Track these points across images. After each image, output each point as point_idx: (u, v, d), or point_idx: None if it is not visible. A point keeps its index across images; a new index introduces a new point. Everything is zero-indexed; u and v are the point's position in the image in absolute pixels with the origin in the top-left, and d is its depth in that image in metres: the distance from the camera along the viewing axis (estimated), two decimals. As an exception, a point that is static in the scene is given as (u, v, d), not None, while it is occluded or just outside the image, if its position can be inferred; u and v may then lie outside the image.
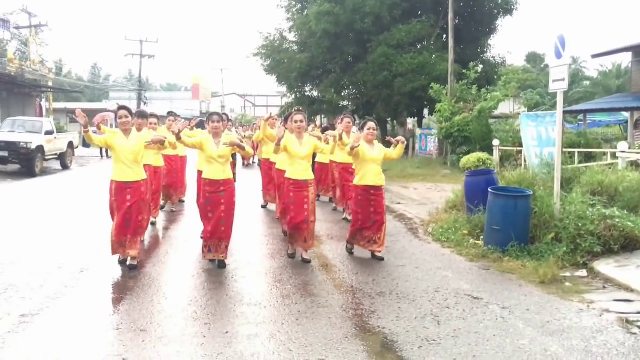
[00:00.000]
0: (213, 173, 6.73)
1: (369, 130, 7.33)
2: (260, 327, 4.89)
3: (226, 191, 6.74)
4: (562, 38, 7.69)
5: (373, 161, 7.27)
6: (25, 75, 28.89)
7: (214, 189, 6.70)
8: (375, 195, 7.31)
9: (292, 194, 7.03)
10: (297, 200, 6.99)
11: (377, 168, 7.31)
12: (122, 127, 6.71)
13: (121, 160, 6.59)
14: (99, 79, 75.69)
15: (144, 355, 4.28)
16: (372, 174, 7.26)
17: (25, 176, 17.65)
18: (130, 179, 6.59)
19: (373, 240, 7.36)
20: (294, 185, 7.03)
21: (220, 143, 6.76)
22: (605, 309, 5.39)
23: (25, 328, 4.79)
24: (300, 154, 7.04)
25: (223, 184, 6.71)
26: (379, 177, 7.30)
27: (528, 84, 44.93)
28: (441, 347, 4.50)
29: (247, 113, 70.16)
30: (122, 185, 6.59)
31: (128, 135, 6.71)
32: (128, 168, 6.59)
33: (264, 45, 28.60)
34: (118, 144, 6.60)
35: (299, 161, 7.05)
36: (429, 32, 24.87)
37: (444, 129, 19.39)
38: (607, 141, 20.01)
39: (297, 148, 7.06)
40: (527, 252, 7.21)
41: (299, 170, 7.04)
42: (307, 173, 7.10)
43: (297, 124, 7.13)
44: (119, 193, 6.61)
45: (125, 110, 6.76)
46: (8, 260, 6.99)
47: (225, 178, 6.75)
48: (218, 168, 6.72)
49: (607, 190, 8.21)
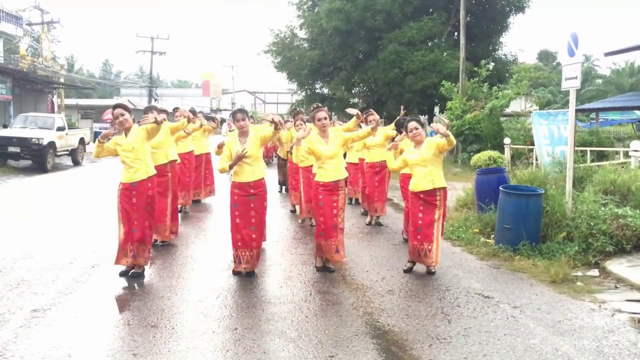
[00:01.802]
0: (241, 175, 6.22)
1: (411, 132, 6.51)
2: (270, 324, 4.89)
3: (257, 195, 6.23)
4: (574, 36, 7.63)
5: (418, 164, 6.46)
6: (37, 71, 29.07)
7: (243, 192, 6.22)
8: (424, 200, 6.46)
9: (322, 196, 6.41)
10: (326, 203, 6.40)
11: (423, 170, 6.41)
12: (121, 127, 6.21)
13: (124, 161, 6.16)
14: (110, 75, 75.99)
15: (154, 351, 4.30)
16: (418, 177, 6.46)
17: (37, 172, 17.77)
18: (135, 179, 6.10)
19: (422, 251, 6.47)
20: (324, 187, 6.41)
21: (247, 142, 6.23)
22: (617, 309, 5.35)
23: (37, 323, 4.82)
24: (327, 154, 6.40)
25: (253, 186, 6.20)
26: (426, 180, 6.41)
27: (540, 81, 44.75)
28: (451, 345, 4.48)
29: (258, 110, 70.20)
30: (127, 186, 6.12)
31: (128, 134, 6.20)
32: (130, 168, 6.11)
33: (275, 43, 28.67)
34: (118, 146, 6.16)
35: (327, 162, 6.41)
36: (440, 30, 24.81)
37: (455, 127, 19.30)
38: (619, 140, 19.86)
39: (323, 148, 6.42)
40: (538, 251, 7.17)
41: (329, 171, 6.39)
42: (337, 172, 6.43)
43: (321, 122, 6.46)
44: (124, 195, 6.12)
45: (120, 108, 6.21)
46: (20, 256, 7.05)
47: (256, 179, 6.22)
48: (246, 169, 6.18)
49: (619, 190, 8.14)
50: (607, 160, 12.12)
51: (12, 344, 4.37)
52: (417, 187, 6.41)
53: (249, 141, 6.22)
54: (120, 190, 6.15)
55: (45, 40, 32.36)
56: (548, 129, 11.36)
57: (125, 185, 6.12)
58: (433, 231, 6.34)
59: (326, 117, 6.52)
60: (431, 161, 6.36)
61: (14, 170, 18.14)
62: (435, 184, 6.34)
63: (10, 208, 10.83)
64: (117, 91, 66.10)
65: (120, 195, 6.14)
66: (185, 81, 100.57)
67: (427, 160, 6.36)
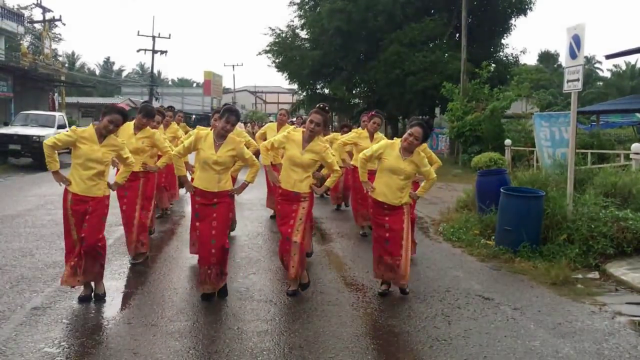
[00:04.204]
0: (206, 182, 5.31)
1: (411, 136, 5.51)
2: (270, 324, 4.89)
3: (220, 204, 5.35)
4: (577, 38, 7.63)
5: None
6: (39, 69, 29.08)
7: (205, 201, 5.33)
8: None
9: (280, 206, 5.69)
10: (284, 213, 5.61)
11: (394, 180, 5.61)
12: (104, 132, 5.31)
13: (82, 165, 5.32)
14: (111, 73, 76.04)
15: (154, 350, 4.30)
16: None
17: (38, 170, 17.75)
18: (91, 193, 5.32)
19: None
20: (282, 196, 5.64)
21: (224, 146, 5.32)
22: (618, 312, 5.35)
23: (38, 320, 4.82)
24: (297, 159, 5.53)
25: (218, 195, 5.34)
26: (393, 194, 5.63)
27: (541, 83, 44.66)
28: (452, 347, 4.48)
29: (258, 109, 70.17)
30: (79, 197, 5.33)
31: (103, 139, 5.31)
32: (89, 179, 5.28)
33: (276, 42, 28.66)
34: (83, 145, 5.26)
35: (294, 168, 5.55)
36: (441, 31, 24.84)
37: (456, 128, 19.32)
38: (620, 142, 19.80)
39: (295, 151, 5.56)
40: (538, 253, 7.17)
41: (293, 179, 5.55)
42: (302, 185, 5.54)
43: (311, 126, 5.53)
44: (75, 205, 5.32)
45: (120, 115, 5.33)
46: (20, 254, 7.05)
47: (221, 190, 5.34)
48: (212, 177, 5.29)
49: (620, 192, 8.14)
50: (608, 163, 12.09)
51: (13, 342, 4.36)
52: (383, 197, 5.61)
53: (224, 147, 5.32)
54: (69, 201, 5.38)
55: (47, 38, 32.38)
56: (549, 130, 11.39)
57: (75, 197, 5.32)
58: (402, 242, 5.61)
59: (319, 124, 5.52)
60: (410, 178, 5.67)
61: (15, 168, 18.15)
62: (403, 201, 5.64)
63: (11, 206, 10.83)
64: (118, 90, 66.10)
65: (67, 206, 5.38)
66: (186, 80, 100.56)
67: (409, 176, 5.62)
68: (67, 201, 5.35)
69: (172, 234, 8.61)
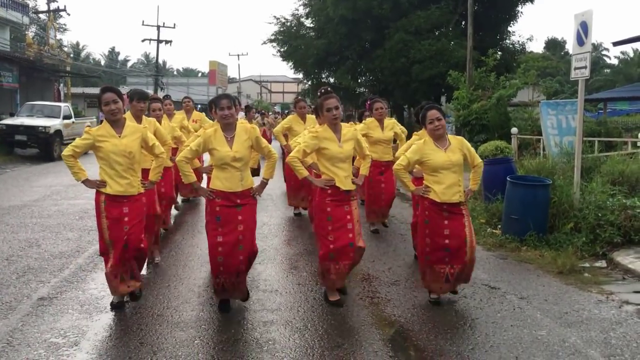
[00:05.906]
0: (228, 182, 4.73)
1: (431, 124, 5.02)
2: (276, 314, 4.89)
3: (245, 206, 4.81)
4: (584, 24, 7.55)
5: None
6: (44, 59, 29.05)
7: (228, 202, 4.75)
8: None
9: (331, 208, 5.03)
10: (337, 217, 5.01)
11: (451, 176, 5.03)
12: (112, 118, 4.82)
13: (111, 167, 4.82)
14: (116, 63, 76.00)
15: (160, 340, 4.30)
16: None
17: (44, 160, 17.83)
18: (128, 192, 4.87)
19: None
20: (332, 197, 5.03)
21: (237, 138, 4.77)
22: (625, 301, 5.32)
23: (44, 311, 4.84)
24: (340, 154, 5.02)
25: (241, 195, 4.81)
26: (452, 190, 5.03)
27: (547, 71, 44.45)
28: (458, 336, 4.47)
29: (264, 99, 70.09)
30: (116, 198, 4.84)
31: (122, 130, 4.87)
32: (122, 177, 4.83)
33: (281, 31, 28.55)
34: (104, 143, 4.79)
35: (339, 165, 5.02)
36: (447, 19, 24.63)
37: (462, 117, 19.20)
38: (627, 130, 19.67)
39: (335, 147, 5.02)
40: (545, 241, 7.13)
41: (340, 177, 5.00)
42: (349, 181, 5.07)
43: (331, 114, 5.01)
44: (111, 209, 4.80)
45: (111, 92, 4.80)
46: (27, 244, 7.07)
47: (245, 189, 4.81)
48: (234, 175, 4.74)
49: (627, 180, 8.09)
50: (615, 151, 12.02)
51: (19, 332, 4.38)
52: (443, 196, 4.97)
53: (238, 139, 4.79)
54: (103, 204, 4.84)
55: (52, 29, 32.34)
56: (556, 119, 11.31)
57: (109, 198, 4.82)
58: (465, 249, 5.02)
59: (337, 107, 5.05)
60: (460, 165, 5.06)
61: (21, 158, 18.22)
62: (462, 197, 5.07)
63: (17, 196, 10.86)
64: (123, 80, 66.07)
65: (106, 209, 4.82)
66: (192, 69, 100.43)
67: (457, 164, 5.03)
68: (100, 203, 4.84)
69: (178, 224, 8.62)
